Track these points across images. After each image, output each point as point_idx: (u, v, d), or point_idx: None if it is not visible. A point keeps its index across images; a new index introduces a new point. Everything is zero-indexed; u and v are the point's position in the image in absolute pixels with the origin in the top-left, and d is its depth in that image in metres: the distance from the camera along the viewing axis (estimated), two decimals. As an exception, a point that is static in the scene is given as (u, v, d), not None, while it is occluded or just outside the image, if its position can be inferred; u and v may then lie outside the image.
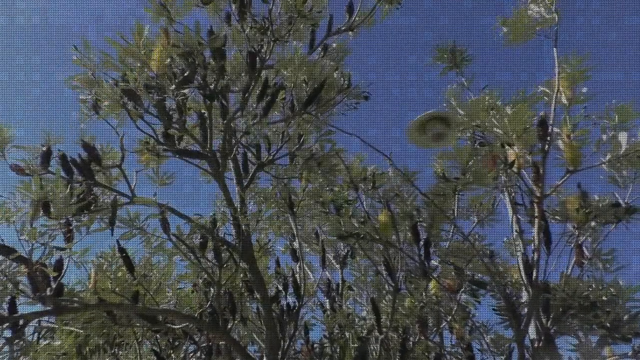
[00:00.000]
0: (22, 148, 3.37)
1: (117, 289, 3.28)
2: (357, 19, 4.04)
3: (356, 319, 3.86)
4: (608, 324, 2.86)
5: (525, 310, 3.12)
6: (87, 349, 3.40)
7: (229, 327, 3.57)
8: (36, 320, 3.26)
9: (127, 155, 3.46)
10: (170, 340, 3.68)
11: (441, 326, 3.54)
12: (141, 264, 3.62)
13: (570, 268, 3.30)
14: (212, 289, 3.51)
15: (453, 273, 3.36)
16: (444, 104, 3.90)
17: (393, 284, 3.38)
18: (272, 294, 3.84)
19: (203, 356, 3.71)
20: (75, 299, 3.13)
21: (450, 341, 3.68)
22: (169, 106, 3.37)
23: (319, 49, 4.11)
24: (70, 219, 3.07)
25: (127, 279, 3.35)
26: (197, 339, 3.75)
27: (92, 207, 3.32)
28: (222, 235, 3.49)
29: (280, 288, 3.90)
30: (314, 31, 3.95)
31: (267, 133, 4.09)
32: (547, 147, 3.00)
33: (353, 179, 3.79)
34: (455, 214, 3.72)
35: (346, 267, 4.64)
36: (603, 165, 3.10)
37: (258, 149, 4.03)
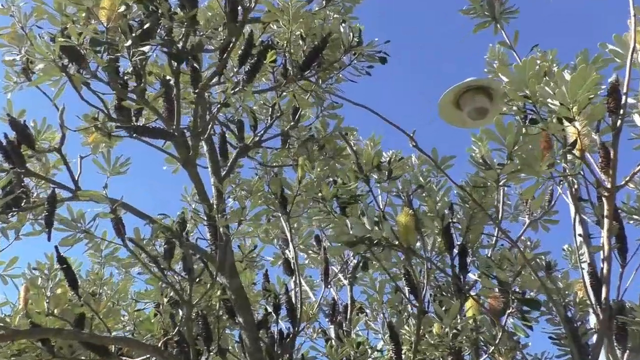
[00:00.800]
0: None
1: (55, 311, 3.26)
2: (370, -44, 3.97)
3: (369, 350, 3.82)
4: None
5: (594, 338, 3.08)
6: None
7: (203, 360, 3.49)
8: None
9: (68, 135, 3.45)
10: (127, 377, 3.58)
11: (481, 359, 3.48)
12: (88, 278, 3.63)
13: (654, 283, 3.23)
14: (180, 310, 3.48)
15: (497, 290, 3.32)
16: (485, 70, 3.89)
17: (417, 305, 3.34)
18: (259, 318, 3.82)
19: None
20: (0, 324, 3.08)
21: (493, 379, 3.67)
22: (124, 70, 3.33)
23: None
24: (-6, 218, 3.01)
25: (69, 298, 3.34)
26: (161, 376, 3.66)
27: (22, 204, 3.33)
28: (194, 241, 3.48)
29: (270, 310, 3.86)
30: (314, -29, 3.84)
31: (252, 106, 4.04)
32: (619, 123, 2.90)
33: (364, 167, 3.72)
34: (500, 213, 3.70)
35: (356, 283, 4.61)
36: (696, 146, 3.02)
37: (240, 127, 3.99)
